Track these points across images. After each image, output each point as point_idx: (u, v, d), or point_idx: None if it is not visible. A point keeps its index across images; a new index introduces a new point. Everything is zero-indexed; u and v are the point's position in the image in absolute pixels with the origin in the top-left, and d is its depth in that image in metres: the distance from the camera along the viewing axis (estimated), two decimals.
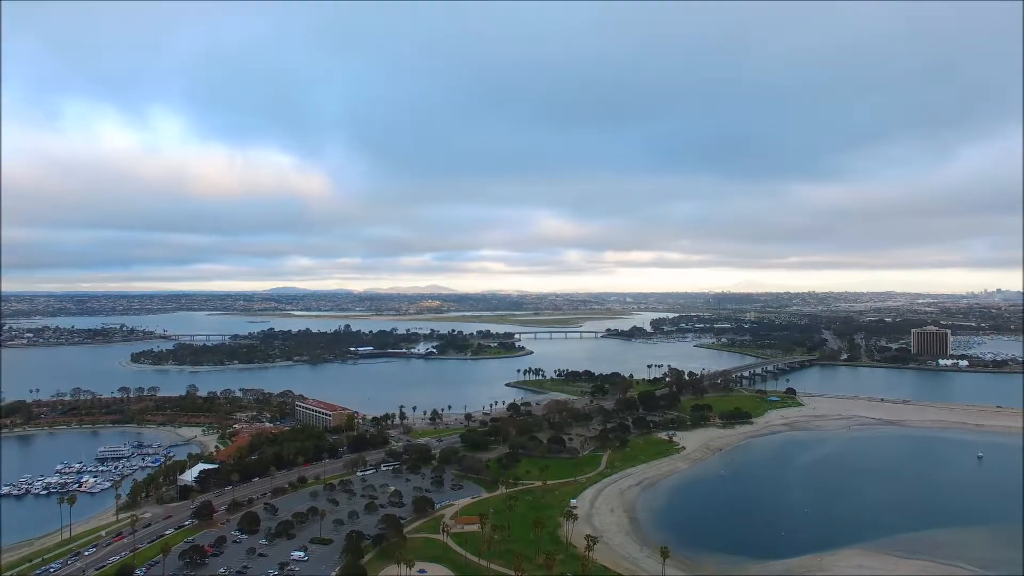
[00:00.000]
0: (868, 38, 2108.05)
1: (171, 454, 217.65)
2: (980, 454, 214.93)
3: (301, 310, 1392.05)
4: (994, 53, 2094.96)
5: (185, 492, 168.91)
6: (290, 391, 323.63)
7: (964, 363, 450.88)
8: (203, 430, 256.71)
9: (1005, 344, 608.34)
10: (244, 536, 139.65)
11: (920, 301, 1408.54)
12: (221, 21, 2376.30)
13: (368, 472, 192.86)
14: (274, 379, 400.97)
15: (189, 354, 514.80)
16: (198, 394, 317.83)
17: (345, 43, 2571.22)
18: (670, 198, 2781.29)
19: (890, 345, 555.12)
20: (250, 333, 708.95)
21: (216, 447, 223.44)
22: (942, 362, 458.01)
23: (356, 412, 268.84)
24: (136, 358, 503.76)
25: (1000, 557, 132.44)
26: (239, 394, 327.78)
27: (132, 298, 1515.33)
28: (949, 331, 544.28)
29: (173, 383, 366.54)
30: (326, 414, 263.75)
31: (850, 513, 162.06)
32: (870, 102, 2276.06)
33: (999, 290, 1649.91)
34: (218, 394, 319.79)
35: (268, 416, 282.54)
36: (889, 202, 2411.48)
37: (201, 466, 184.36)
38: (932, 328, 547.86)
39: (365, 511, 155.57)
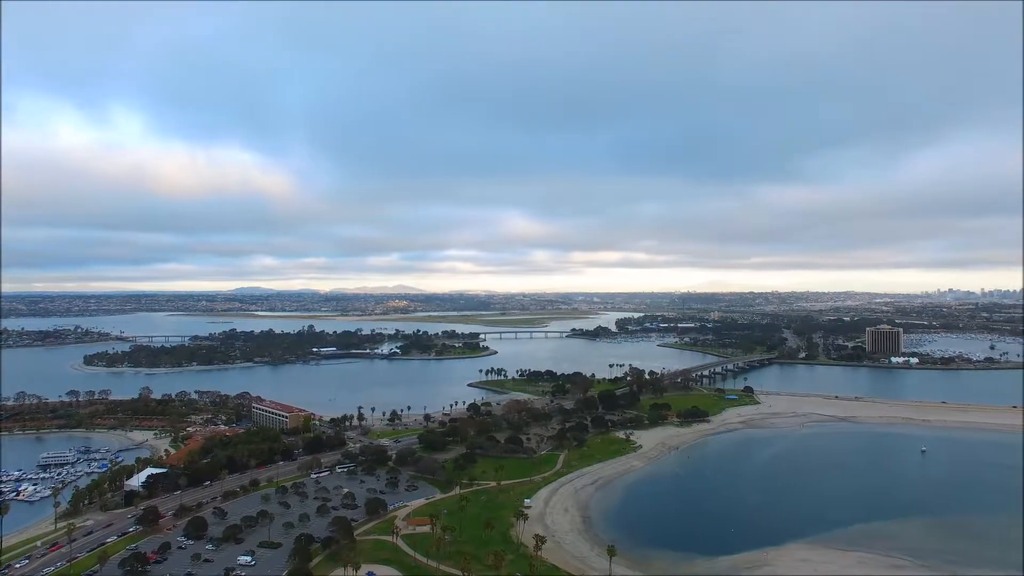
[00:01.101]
0: (830, 43, 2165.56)
1: (119, 459, 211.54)
2: (924, 448, 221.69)
3: (265, 310, 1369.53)
4: (945, 62, 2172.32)
5: (131, 498, 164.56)
6: (247, 393, 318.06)
7: (914, 360, 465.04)
8: (155, 434, 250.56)
9: (954, 341, 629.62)
10: (190, 542, 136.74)
11: (878, 300, 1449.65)
12: (183, 17, 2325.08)
13: (323, 474, 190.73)
14: (233, 381, 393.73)
15: (146, 356, 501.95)
16: (152, 397, 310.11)
17: (309, 42, 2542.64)
18: (637, 199, 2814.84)
19: (846, 344, 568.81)
20: (211, 334, 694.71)
21: (166, 451, 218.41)
22: (894, 360, 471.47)
23: (313, 414, 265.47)
24: (89, 360, 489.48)
25: (933, 547, 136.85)
26: (195, 396, 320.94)
27: (89, 299, 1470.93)
28: (901, 330, 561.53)
29: (127, 386, 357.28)
30: (283, 416, 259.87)
31: (798, 508, 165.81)
32: (832, 106, 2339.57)
33: (951, 290, 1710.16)
34: (173, 396, 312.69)
35: (224, 419, 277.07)
36: (849, 204, 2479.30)
37: (150, 471, 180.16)
38: (885, 327, 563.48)
39: (317, 514, 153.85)
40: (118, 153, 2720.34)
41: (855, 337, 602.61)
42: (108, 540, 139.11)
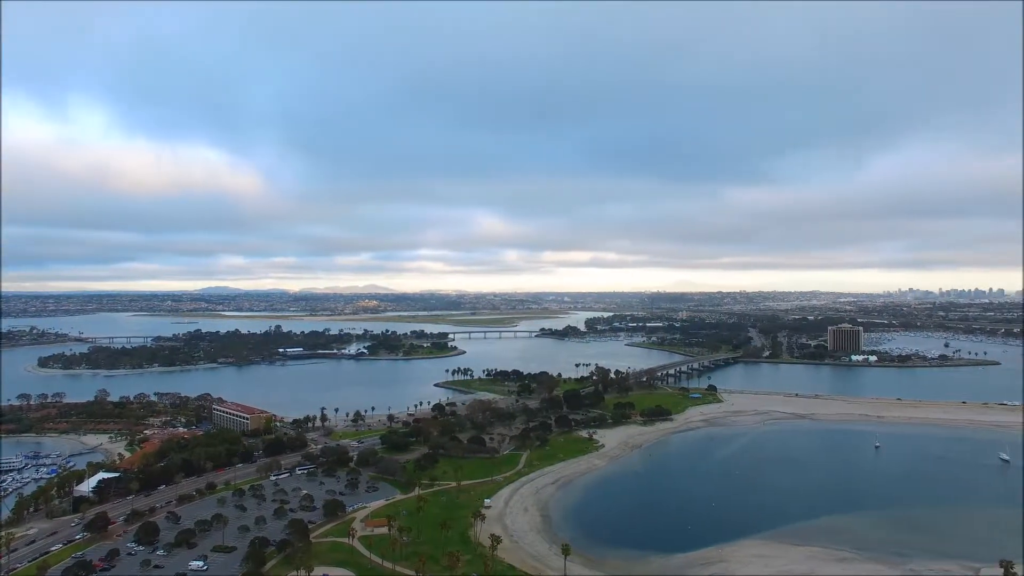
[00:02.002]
0: (796, 46, 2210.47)
1: (70, 464, 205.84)
2: (877, 444, 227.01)
3: (233, 310, 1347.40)
4: (905, 68, 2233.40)
5: (79, 504, 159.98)
6: (208, 394, 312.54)
7: (873, 358, 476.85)
8: (111, 437, 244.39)
9: (911, 340, 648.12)
10: (141, 548, 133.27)
11: (842, 300, 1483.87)
12: (146, 13, 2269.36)
13: (282, 476, 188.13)
14: (196, 382, 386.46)
15: (105, 357, 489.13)
16: (109, 399, 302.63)
17: (277, 39, 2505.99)
18: (606, 199, 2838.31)
19: (810, 342, 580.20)
20: (175, 335, 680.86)
21: (120, 455, 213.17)
22: (854, 358, 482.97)
23: (275, 415, 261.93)
24: (44, 362, 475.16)
25: (880, 540, 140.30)
26: (154, 398, 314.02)
27: (47, 299, 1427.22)
28: (861, 328, 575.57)
29: (84, 388, 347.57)
30: (244, 417, 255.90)
31: (754, 505, 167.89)
32: (797, 109, 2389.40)
33: (911, 289, 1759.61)
34: (132, 399, 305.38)
35: (183, 421, 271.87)
36: (814, 205, 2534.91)
37: (102, 475, 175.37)
38: (847, 326, 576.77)
39: (274, 516, 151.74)
40: (79, 149, 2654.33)
41: (818, 336, 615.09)
42: (52, 549, 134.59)
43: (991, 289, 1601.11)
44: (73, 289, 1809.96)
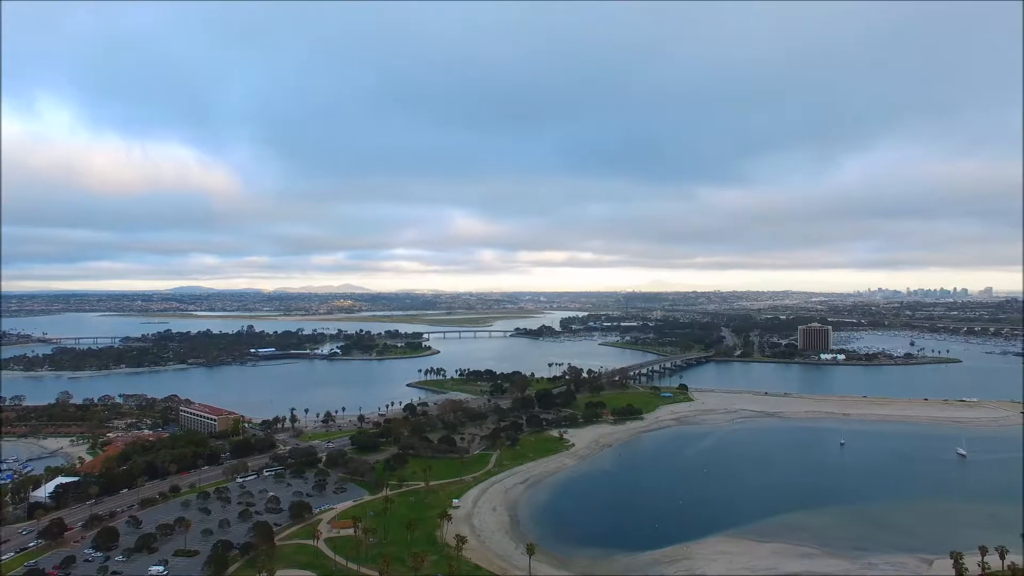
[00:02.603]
0: (767, 50, 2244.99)
1: (27, 469, 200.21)
2: (842, 441, 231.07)
3: (205, 310, 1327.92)
4: (873, 72, 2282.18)
5: (35, 511, 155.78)
6: (176, 396, 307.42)
7: (841, 357, 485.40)
8: (72, 441, 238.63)
9: (879, 338, 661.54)
10: (98, 554, 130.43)
11: (814, 300, 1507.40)
12: (114, 8, 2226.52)
13: (249, 478, 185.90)
14: (164, 384, 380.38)
15: (69, 359, 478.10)
16: (71, 402, 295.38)
17: (250, 38, 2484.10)
18: (582, 199, 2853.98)
19: (780, 341, 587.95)
20: (144, 335, 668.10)
21: (80, 458, 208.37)
22: (823, 356, 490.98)
23: (243, 416, 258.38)
24: (4, 364, 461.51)
25: (842, 535, 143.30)
26: (120, 400, 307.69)
27: (10, 299, 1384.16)
28: (830, 328, 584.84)
29: (46, 391, 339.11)
30: (211, 419, 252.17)
31: (721, 502, 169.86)
32: (769, 111, 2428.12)
33: (880, 289, 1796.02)
34: (96, 401, 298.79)
35: (149, 423, 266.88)
36: (786, 206, 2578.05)
37: (60, 480, 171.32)
38: (816, 325, 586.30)
39: (238, 519, 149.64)
40: (45, 145, 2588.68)
41: (789, 335, 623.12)
42: (3, 558, 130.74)
43: (955, 289, 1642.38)
44: (38, 289, 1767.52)
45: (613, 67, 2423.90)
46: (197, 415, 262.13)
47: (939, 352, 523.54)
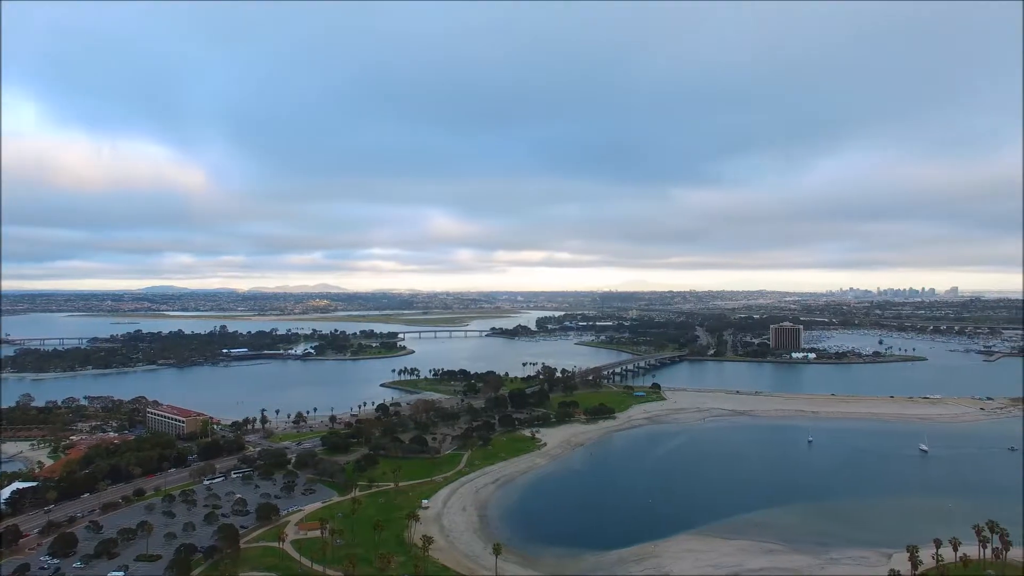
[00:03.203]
0: (739, 54, 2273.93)
1: None
2: (810, 439, 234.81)
3: (177, 310, 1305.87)
4: (842, 77, 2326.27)
5: None
6: (143, 397, 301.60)
7: (812, 355, 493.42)
8: (32, 444, 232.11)
9: (849, 337, 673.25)
10: (55, 561, 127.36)
11: (787, 299, 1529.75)
12: (81, 5, 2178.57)
13: (216, 480, 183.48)
14: (132, 385, 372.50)
15: (32, 360, 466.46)
16: (33, 404, 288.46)
17: (224, 35, 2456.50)
18: (559, 199, 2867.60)
19: (753, 340, 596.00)
20: (113, 336, 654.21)
21: (40, 463, 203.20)
22: (795, 355, 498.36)
23: (212, 417, 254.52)
24: None
25: (806, 531, 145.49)
26: (85, 402, 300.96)
27: None
28: (801, 327, 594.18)
29: (8, 393, 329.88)
30: (179, 420, 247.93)
31: (690, 500, 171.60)
32: (742, 113, 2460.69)
33: (851, 289, 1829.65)
34: (59, 403, 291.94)
35: (115, 425, 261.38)
36: (760, 207, 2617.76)
37: (17, 485, 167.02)
38: (788, 324, 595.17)
39: (204, 522, 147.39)
40: (10, 141, 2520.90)
41: (762, 334, 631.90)
42: None
43: (923, 289, 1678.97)
44: (5, 288, 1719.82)
45: (591, 69, 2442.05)
46: (165, 417, 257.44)
47: (906, 350, 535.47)
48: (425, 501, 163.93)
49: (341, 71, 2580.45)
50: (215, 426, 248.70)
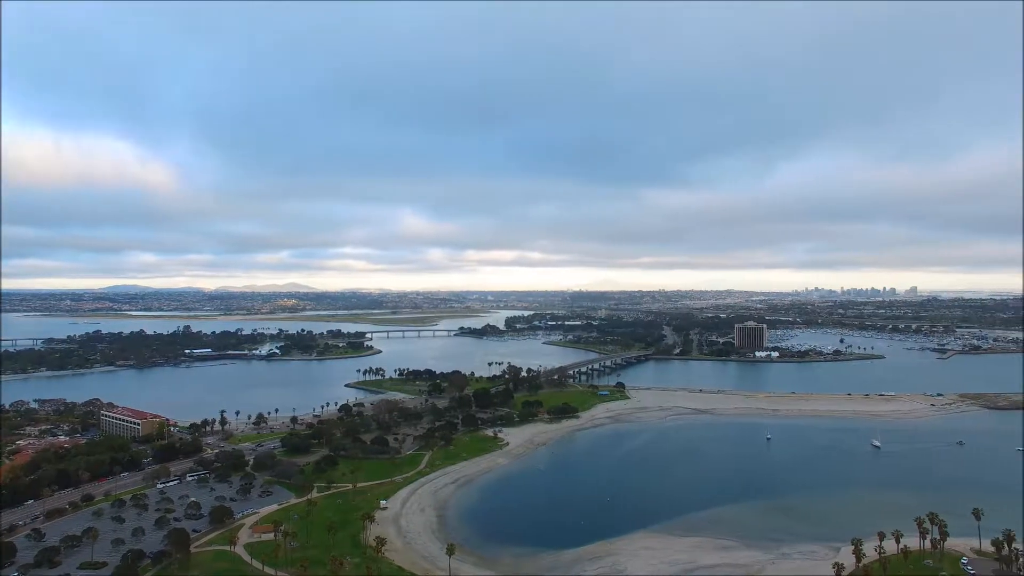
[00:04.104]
0: (710, 57, 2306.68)
1: None
2: (769, 436, 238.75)
3: (140, 310, 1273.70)
4: (810, 81, 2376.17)
5: None
6: (98, 399, 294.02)
7: (775, 354, 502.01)
8: None
9: (812, 336, 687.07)
10: None
11: (755, 299, 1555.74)
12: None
13: (171, 483, 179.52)
14: (89, 387, 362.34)
15: None
16: None
17: (191, 31, 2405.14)
18: (530, 199, 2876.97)
19: (719, 339, 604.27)
20: (70, 336, 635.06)
21: None
22: (758, 354, 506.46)
23: (169, 419, 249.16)
24: None
25: (761, 527, 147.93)
26: (35, 405, 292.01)
27: None
28: (765, 326, 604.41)
29: None
30: (135, 423, 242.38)
31: (649, 498, 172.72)
32: (712, 116, 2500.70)
33: (816, 288, 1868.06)
34: (7, 406, 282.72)
35: (67, 429, 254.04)
36: (728, 208, 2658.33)
37: None
38: (752, 323, 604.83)
39: (155, 527, 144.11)
40: None
41: (728, 333, 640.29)
42: None
43: (885, 289, 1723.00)
44: None
45: (564, 69, 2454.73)
46: (120, 419, 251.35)
47: (865, 349, 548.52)
48: (384, 502, 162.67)
49: (314, 70, 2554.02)
50: (173, 428, 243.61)
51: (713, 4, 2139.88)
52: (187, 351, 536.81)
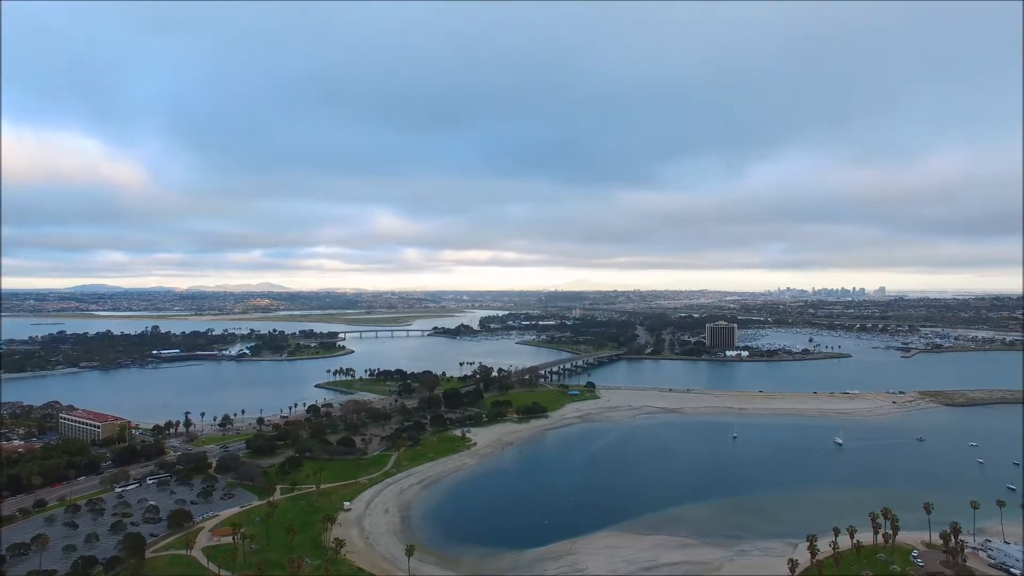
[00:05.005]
0: (680, 59, 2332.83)
1: None
2: (735, 435, 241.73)
3: (108, 310, 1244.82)
4: (780, 85, 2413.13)
5: None
6: (56, 402, 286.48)
7: (745, 353, 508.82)
8: None
9: (782, 335, 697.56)
10: None
11: (728, 299, 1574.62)
12: None
13: (130, 487, 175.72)
14: (49, 389, 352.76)
15: None
16: None
17: (162, 29, 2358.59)
18: (506, 199, 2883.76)
19: (690, 339, 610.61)
20: (31, 337, 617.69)
21: None
22: (728, 353, 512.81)
23: (131, 422, 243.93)
24: None
25: (721, 525, 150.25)
26: None
27: None
28: (736, 325, 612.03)
29: None
30: (95, 426, 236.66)
31: (614, 497, 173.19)
32: (684, 118, 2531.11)
33: (788, 288, 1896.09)
34: None
35: (23, 432, 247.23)
36: (702, 209, 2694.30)
37: None
38: (723, 323, 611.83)
39: (110, 532, 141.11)
40: None
41: (700, 333, 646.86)
42: None
43: (854, 288, 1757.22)
44: None
45: (536, 70, 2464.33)
46: (79, 422, 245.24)
47: (833, 348, 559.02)
48: (347, 503, 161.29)
49: (285, 68, 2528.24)
50: (136, 430, 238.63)
51: (683, 6, 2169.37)
52: (155, 352, 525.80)
